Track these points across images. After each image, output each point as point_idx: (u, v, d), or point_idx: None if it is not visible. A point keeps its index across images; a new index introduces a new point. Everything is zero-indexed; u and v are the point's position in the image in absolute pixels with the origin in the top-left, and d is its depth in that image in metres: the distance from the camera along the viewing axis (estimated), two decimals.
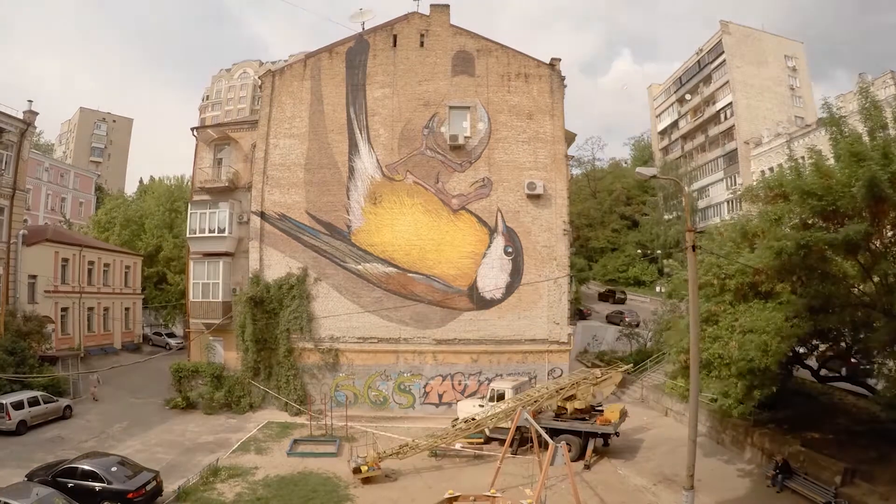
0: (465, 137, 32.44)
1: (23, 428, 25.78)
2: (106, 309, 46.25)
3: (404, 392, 31.34)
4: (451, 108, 32.85)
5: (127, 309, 48.99)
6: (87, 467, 18.50)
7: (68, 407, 28.92)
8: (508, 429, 21.11)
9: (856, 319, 18.11)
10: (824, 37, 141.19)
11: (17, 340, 31.31)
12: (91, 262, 45.10)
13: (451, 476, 21.95)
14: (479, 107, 32.81)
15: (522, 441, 24.13)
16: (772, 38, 73.73)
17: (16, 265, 35.09)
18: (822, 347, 22.85)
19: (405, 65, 33.27)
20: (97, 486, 17.97)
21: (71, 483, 17.97)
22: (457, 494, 18.31)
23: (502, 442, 21.66)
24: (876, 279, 18.04)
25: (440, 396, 31.10)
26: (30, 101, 36.25)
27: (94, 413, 29.62)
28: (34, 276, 37.99)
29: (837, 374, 24.64)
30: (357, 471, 21.14)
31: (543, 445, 19.02)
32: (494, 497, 17.98)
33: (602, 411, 24.68)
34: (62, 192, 69.08)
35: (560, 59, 33.52)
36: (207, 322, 32.43)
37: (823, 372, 24.13)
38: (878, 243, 17.42)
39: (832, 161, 17.91)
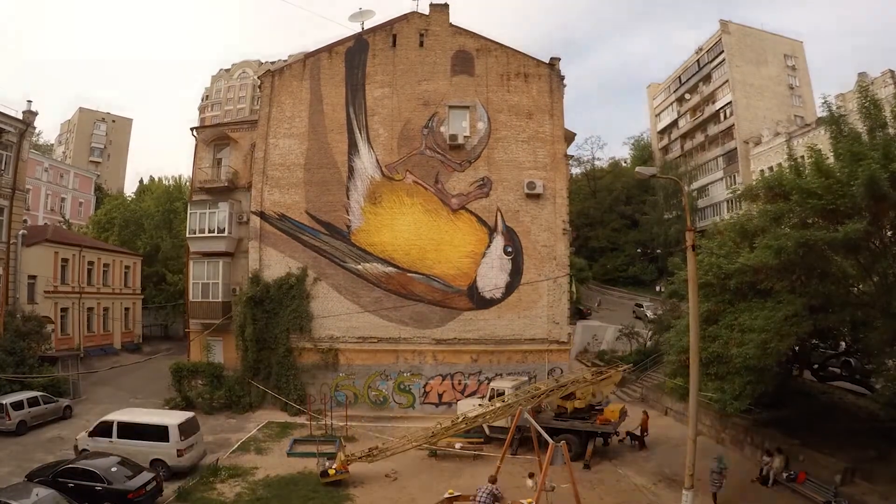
0: (465, 137, 32.41)
1: (22, 428, 25.77)
2: (105, 309, 46.19)
3: (404, 392, 31.32)
4: (450, 107, 32.82)
5: (127, 309, 48.94)
6: (87, 467, 18.44)
7: (68, 407, 28.90)
8: (509, 428, 21.04)
9: (855, 319, 18.08)
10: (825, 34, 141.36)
11: (17, 340, 31.28)
12: (90, 263, 45.07)
13: (450, 475, 21.93)
14: (478, 106, 32.77)
15: (522, 441, 24.08)
16: (771, 36, 73.70)
17: (15, 265, 35.03)
18: (822, 347, 22.88)
19: (405, 64, 33.23)
20: (98, 486, 17.92)
21: (71, 483, 17.90)
22: (457, 494, 18.28)
23: (503, 441, 21.61)
24: (875, 278, 18.02)
25: (440, 396, 31.06)
26: (29, 101, 36.16)
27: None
28: (34, 277, 37.97)
29: (837, 374, 24.65)
30: (324, 474, 20.72)
31: (543, 445, 18.98)
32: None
33: (601, 410, 24.67)
34: (62, 193, 68.97)
35: (559, 59, 33.57)
36: (207, 322, 32.43)
37: (823, 371, 24.15)
38: (877, 242, 17.38)
39: (832, 160, 17.91)
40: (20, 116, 35.29)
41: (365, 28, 34.34)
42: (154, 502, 18.84)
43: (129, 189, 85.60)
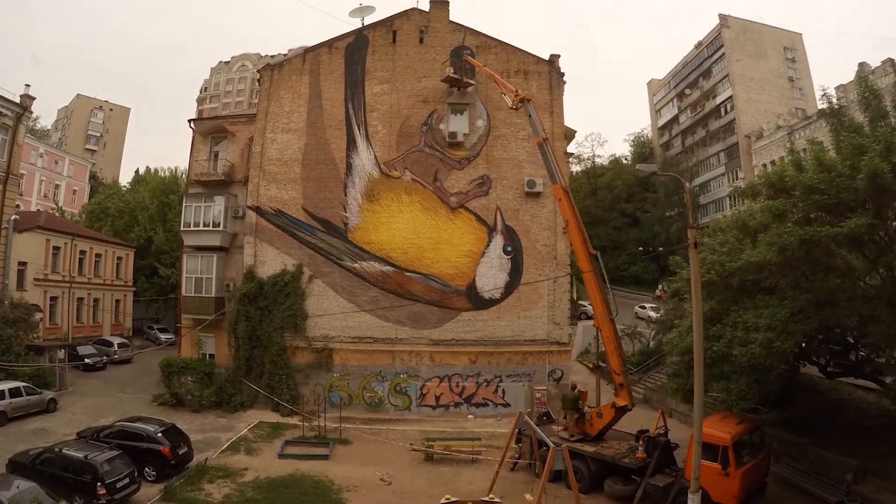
0: (464, 135, 31.87)
1: (2, 419, 25.18)
2: (96, 300, 45.72)
3: (400, 394, 30.75)
4: (449, 104, 32.27)
5: (118, 301, 48.42)
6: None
7: (52, 400, 28.08)
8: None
9: (862, 313, 17.73)
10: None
11: (4, 327, 30.49)
12: (82, 252, 44.54)
13: (447, 480, 21.51)
14: (478, 104, 32.23)
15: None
16: (770, 30, 73.35)
17: (6, 251, 34.79)
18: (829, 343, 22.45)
19: (404, 61, 32.65)
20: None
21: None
22: (454, 500, 17.84)
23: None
24: (882, 271, 17.75)
25: (437, 398, 30.43)
26: (27, 84, 35.96)
27: (80, 406, 29.04)
28: (24, 263, 37.52)
29: (845, 370, 24.09)
30: None
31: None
32: (493, 502, 17.57)
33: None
34: (56, 179, 68.44)
35: (559, 56, 33.04)
36: (199, 317, 31.94)
37: (831, 367, 23.67)
38: (882, 234, 17.14)
39: (833, 152, 17.65)
40: (17, 100, 34.81)
41: (365, 24, 33.79)
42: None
43: (125, 179, 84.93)
